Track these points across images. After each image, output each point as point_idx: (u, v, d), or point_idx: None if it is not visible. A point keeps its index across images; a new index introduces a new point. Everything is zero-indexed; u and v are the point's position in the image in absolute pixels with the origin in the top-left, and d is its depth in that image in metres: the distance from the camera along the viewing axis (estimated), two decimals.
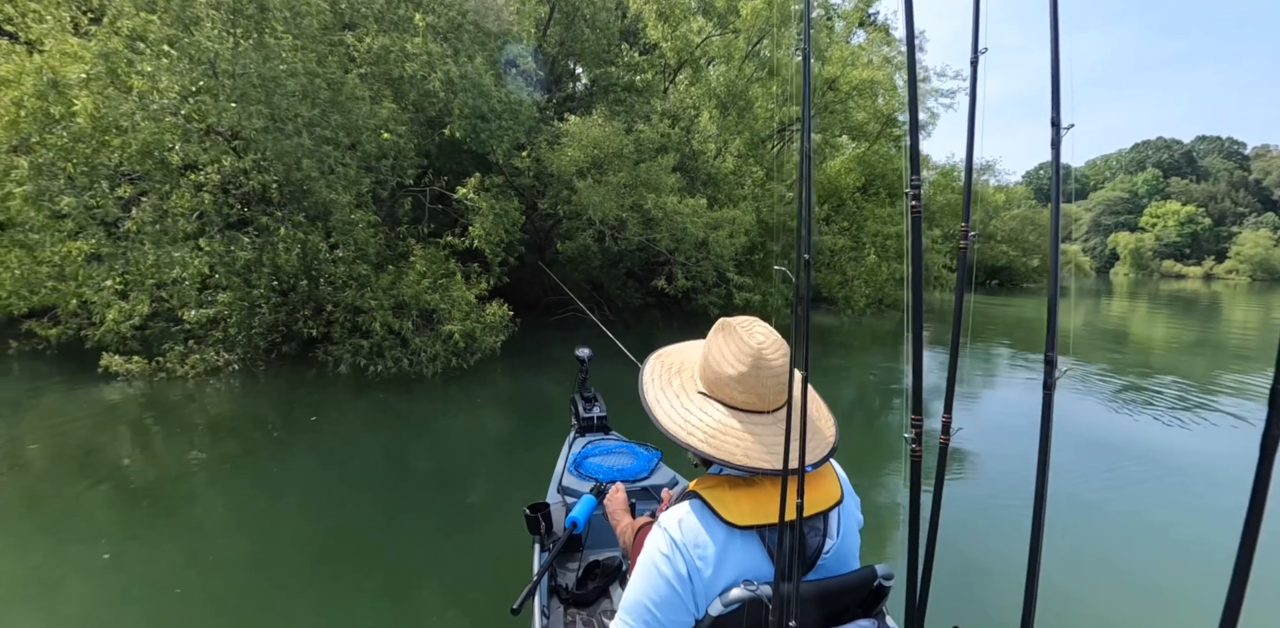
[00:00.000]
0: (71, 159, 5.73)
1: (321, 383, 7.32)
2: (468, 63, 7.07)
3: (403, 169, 7.54)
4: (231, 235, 6.71)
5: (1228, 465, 5.20)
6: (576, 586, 2.05)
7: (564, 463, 2.58)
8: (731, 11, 12.39)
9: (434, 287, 7.63)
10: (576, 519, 1.97)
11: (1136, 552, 3.70)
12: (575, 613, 1.96)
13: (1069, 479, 4.70)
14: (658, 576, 1.10)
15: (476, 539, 3.56)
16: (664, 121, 9.90)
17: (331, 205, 6.89)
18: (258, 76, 5.36)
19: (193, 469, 4.73)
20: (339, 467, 4.90)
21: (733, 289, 9.54)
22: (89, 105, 5.32)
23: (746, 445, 1.15)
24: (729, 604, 1.05)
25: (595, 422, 2.99)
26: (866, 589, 1.18)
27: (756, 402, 1.19)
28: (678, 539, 1.10)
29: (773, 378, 1.17)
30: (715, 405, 1.22)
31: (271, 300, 7.56)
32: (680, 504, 1.16)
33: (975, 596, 3.08)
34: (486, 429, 6.18)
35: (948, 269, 13.46)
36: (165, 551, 3.43)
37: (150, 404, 6.45)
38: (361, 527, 3.76)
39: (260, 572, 3.23)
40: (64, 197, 5.61)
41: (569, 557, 2.20)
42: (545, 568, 1.84)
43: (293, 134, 5.71)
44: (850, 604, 1.19)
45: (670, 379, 1.31)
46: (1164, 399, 7.60)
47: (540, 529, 2.17)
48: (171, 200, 6.57)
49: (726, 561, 1.09)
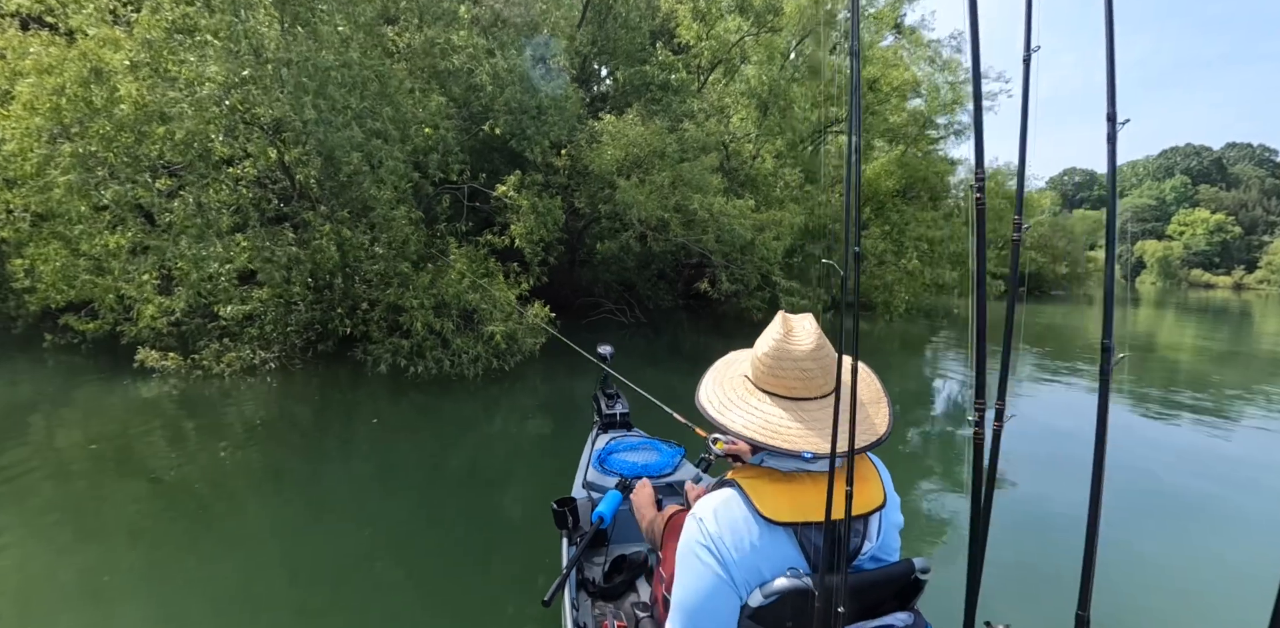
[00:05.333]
0: (114, 149, 5.57)
1: (359, 383, 7.13)
2: (516, 56, 6.86)
3: (448, 164, 7.33)
4: (274, 230, 6.54)
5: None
6: (604, 579, 2.08)
7: (588, 459, 2.63)
8: (770, 10, 12.13)
9: (474, 286, 7.42)
10: (603, 514, 1.98)
11: (1185, 547, 3.73)
12: (603, 606, 1.99)
13: (1114, 479, 4.59)
14: (701, 565, 1.09)
15: (514, 537, 3.55)
16: (710, 120, 9.66)
17: (373, 201, 6.71)
18: (311, 66, 5.17)
19: (232, 469, 4.60)
20: (380, 468, 4.77)
21: (778, 293, 9.24)
22: (134, 92, 5.15)
23: (787, 429, 1.13)
24: (770, 595, 1.04)
25: (618, 418, 3.03)
26: (904, 582, 1.17)
27: (779, 386, 1.18)
28: (712, 531, 1.09)
29: (792, 362, 1.15)
30: (750, 388, 1.22)
31: (308, 298, 7.39)
32: (717, 492, 1.16)
33: (1022, 592, 3.10)
34: (527, 432, 5.97)
35: (992, 275, 13.09)
36: (206, 552, 3.36)
37: (186, 402, 6.31)
38: (401, 526, 3.71)
39: (298, 568, 3.22)
40: (109, 187, 5.44)
41: (596, 551, 2.23)
42: (574, 562, 1.86)
43: (342, 126, 5.51)
44: (886, 597, 1.18)
45: (728, 365, 1.32)
46: (1205, 406, 7.49)
47: (568, 524, 2.19)
48: (209, 194, 6.43)
49: (759, 554, 1.08)
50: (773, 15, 12.13)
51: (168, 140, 5.45)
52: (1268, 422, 6.86)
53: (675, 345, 11.06)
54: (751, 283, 9.32)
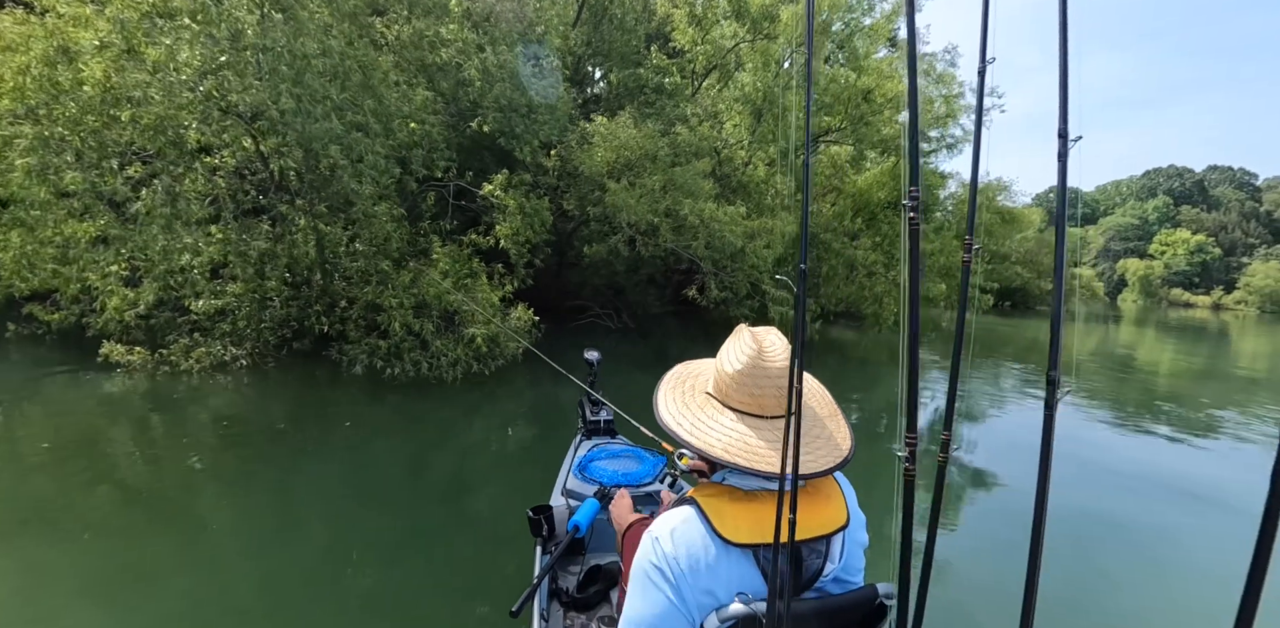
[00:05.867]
0: (79, 132, 5.31)
1: (334, 383, 6.90)
2: (507, 51, 6.68)
3: (433, 161, 7.12)
4: (249, 223, 6.31)
5: (1235, 491, 5.12)
6: (578, 589, 2.03)
7: (569, 466, 2.56)
8: (766, 17, 12.08)
9: (457, 286, 7.22)
10: (579, 523, 1.94)
11: (1138, 574, 3.66)
12: (575, 617, 1.94)
13: (1070, 499, 4.62)
14: (653, 588, 1.05)
15: (490, 547, 3.44)
16: (703, 125, 9.54)
17: (354, 196, 6.49)
18: (289, 53, 4.95)
19: (199, 470, 4.42)
20: (353, 471, 4.59)
21: (768, 302, 9.10)
22: (99, 73, 4.90)
23: (748, 449, 1.09)
24: (725, 619, 1.01)
25: (602, 425, 2.96)
26: (868, 608, 1.14)
27: (752, 404, 1.14)
28: (668, 551, 1.05)
29: (768, 380, 1.12)
30: (718, 406, 1.18)
31: (283, 294, 7.16)
32: (675, 511, 1.11)
33: (972, 616, 3.04)
34: (508, 439, 5.77)
35: (981, 290, 13.12)
36: (168, 558, 3.21)
37: (153, 399, 6.07)
38: (373, 533, 3.59)
39: (263, 575, 3.10)
40: (69, 172, 5.18)
41: (571, 560, 2.17)
42: (546, 571, 1.83)
43: (321, 117, 5.29)
44: (851, 622, 1.14)
45: (683, 380, 1.28)
46: (1169, 423, 7.53)
47: (543, 532, 2.15)
48: (185, 184, 6.19)
49: (716, 576, 1.04)
50: (768, 22, 12.08)
51: (136, 125, 5.19)
52: (1237, 442, 6.80)
53: (662, 351, 10.89)
54: (741, 291, 9.17)
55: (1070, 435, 6.57)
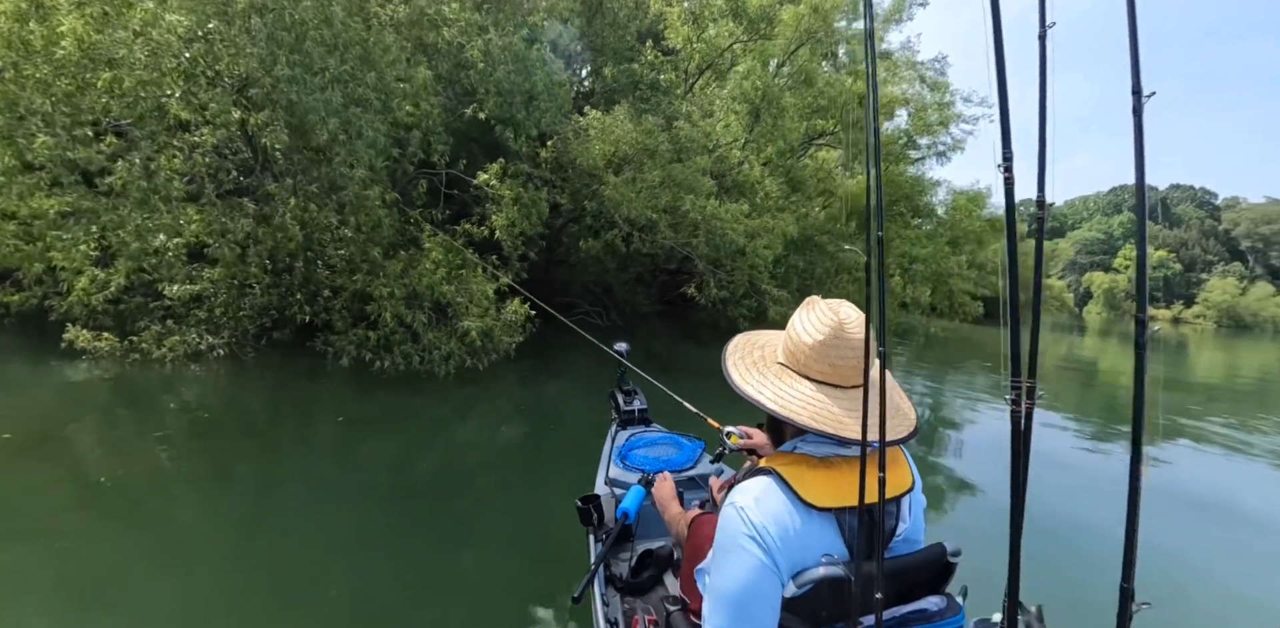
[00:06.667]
0: (51, 95, 4.88)
1: (318, 376, 6.55)
2: (513, 33, 6.40)
3: (430, 144, 6.78)
4: (233, 202, 5.93)
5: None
6: (631, 575, 2.05)
7: (608, 455, 2.61)
8: (764, 18, 11.99)
9: (450, 277, 6.90)
10: (628, 510, 1.99)
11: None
12: (632, 601, 1.96)
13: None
14: (747, 556, 1.05)
15: (483, 553, 3.24)
16: (705, 121, 9.35)
17: (344, 179, 6.14)
18: (288, 17, 4.60)
19: (170, 466, 4.10)
20: (339, 470, 4.32)
21: (767, 302, 8.92)
22: (79, 29, 4.49)
23: (834, 417, 1.11)
24: (803, 585, 1.04)
25: (636, 414, 3.03)
26: (937, 566, 1.17)
27: (831, 373, 1.16)
28: (755, 519, 1.06)
29: (850, 351, 1.14)
30: (794, 375, 1.19)
31: (264, 280, 6.77)
32: (754, 480, 1.12)
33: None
34: (502, 438, 5.48)
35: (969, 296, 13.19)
36: (137, 560, 2.96)
37: (121, 390, 5.71)
38: (358, 536, 3.35)
39: (242, 580, 2.85)
40: (39, 136, 4.75)
41: (621, 547, 2.21)
42: (601, 558, 1.87)
43: (318, 88, 4.93)
44: (920, 582, 1.18)
45: (749, 351, 1.29)
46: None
47: (592, 521, 2.21)
48: (163, 161, 5.79)
49: (803, 542, 1.07)
50: (766, 24, 11.99)
51: (114, 90, 4.78)
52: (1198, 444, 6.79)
53: (649, 350, 10.67)
54: (739, 291, 8.98)
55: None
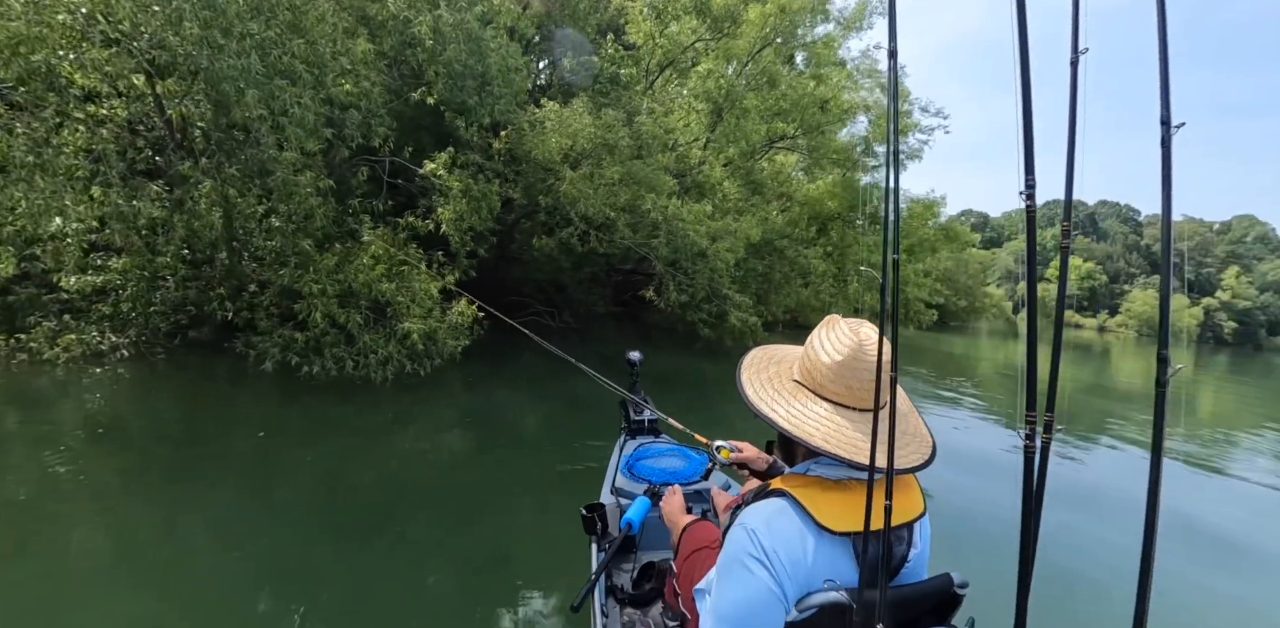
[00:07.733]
0: None
1: (239, 381, 5.92)
2: (466, 9, 5.90)
3: (370, 127, 6.20)
4: (138, 183, 5.26)
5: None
6: (632, 586, 2.03)
7: (615, 465, 2.60)
8: (729, 17, 11.78)
9: (390, 274, 6.36)
10: (632, 521, 1.95)
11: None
12: (632, 613, 1.94)
13: None
14: (752, 578, 1.02)
15: (424, 576, 2.99)
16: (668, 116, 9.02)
17: (271, 163, 5.53)
18: None
19: (66, 483, 3.62)
20: (263, 486, 3.93)
21: (728, 307, 8.61)
22: None
23: (848, 441, 1.08)
24: (805, 610, 1.00)
25: (646, 425, 3.00)
26: (942, 597, 1.13)
27: (846, 395, 1.13)
28: (765, 543, 1.03)
29: (867, 373, 1.10)
30: (809, 395, 1.16)
31: (180, 272, 6.09)
32: (767, 502, 1.09)
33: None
34: (446, 449, 5.03)
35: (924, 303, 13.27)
36: (26, 589, 2.63)
37: (7, 395, 4.98)
38: (285, 557, 3.08)
39: (148, 609, 2.57)
40: None
41: (623, 558, 2.17)
42: (602, 568, 1.84)
43: (236, 55, 4.33)
44: (924, 612, 1.14)
45: (765, 366, 1.26)
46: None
47: (596, 530, 2.17)
48: (63, 135, 5.11)
49: (815, 565, 1.03)
50: (730, 23, 11.78)
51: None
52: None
53: (602, 354, 10.29)
54: (699, 295, 8.67)
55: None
